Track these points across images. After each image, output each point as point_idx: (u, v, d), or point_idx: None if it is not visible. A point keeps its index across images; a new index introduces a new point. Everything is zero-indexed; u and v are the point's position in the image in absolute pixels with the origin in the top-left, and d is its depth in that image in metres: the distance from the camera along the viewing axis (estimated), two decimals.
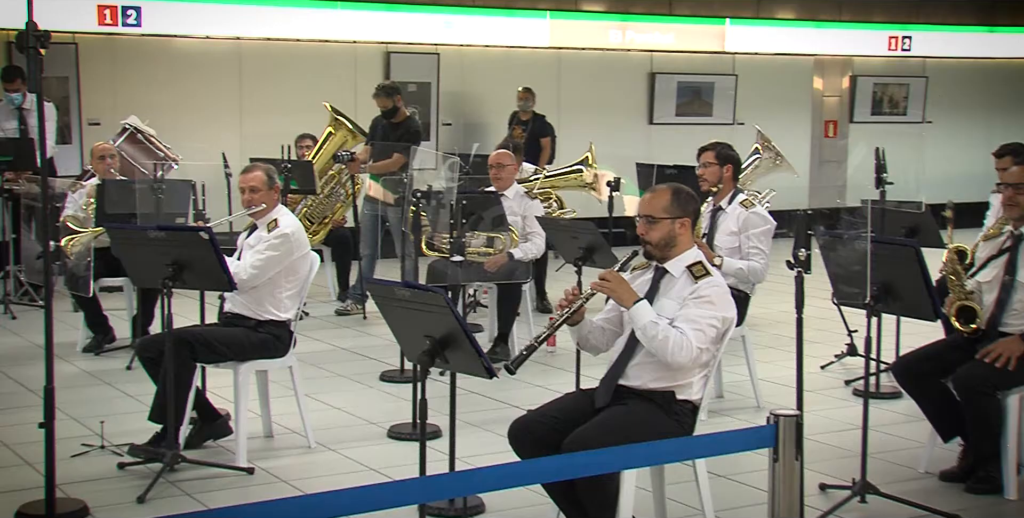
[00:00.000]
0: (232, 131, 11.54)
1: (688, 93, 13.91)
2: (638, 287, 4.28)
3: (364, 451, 5.54)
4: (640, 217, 4.29)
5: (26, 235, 9.05)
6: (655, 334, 4.04)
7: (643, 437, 3.67)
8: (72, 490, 4.82)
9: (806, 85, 14.91)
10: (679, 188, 4.33)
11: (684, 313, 4.12)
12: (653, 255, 4.30)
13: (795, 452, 3.05)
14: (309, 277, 5.65)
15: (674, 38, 13.73)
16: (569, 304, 4.21)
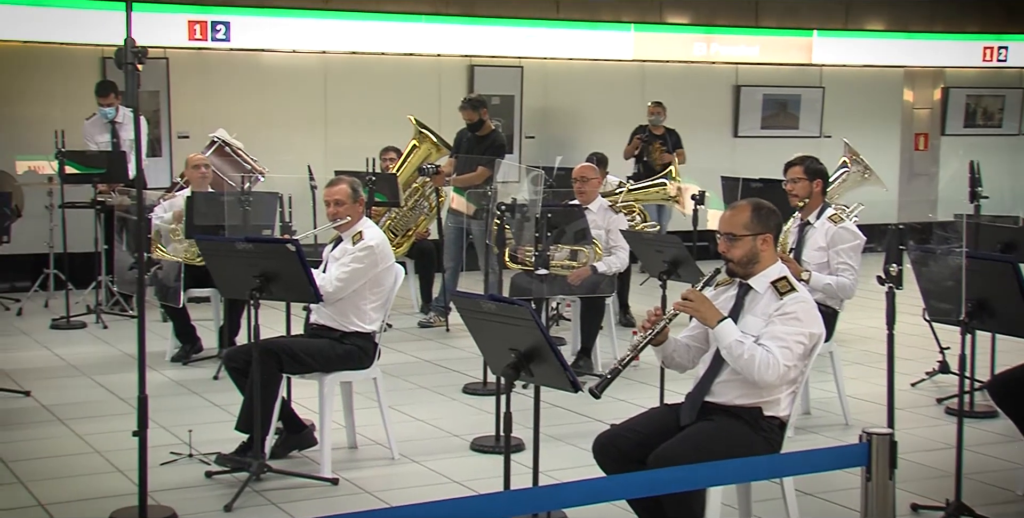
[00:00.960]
0: (317, 144, 11.69)
1: (774, 106, 13.80)
2: (721, 304, 4.25)
3: (447, 463, 5.56)
4: (721, 234, 4.26)
5: (118, 246, 9.27)
6: (740, 353, 4.01)
7: (730, 454, 3.65)
8: (161, 497, 4.91)
9: (896, 97, 14.70)
10: (759, 204, 4.29)
11: (770, 330, 4.09)
12: (736, 272, 4.27)
13: (888, 471, 3.00)
14: (394, 289, 5.69)
15: (760, 50, 13.64)
16: (652, 325, 4.20)
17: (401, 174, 9.41)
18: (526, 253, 7.28)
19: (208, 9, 11.20)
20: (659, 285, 6.02)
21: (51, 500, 4.97)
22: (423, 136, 9.60)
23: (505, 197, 6.78)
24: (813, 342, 4.13)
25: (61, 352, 8.00)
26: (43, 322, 9.01)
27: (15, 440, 5.88)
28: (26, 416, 6.37)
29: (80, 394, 6.87)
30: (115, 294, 9.49)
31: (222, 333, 7.68)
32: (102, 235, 9.57)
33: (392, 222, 9.47)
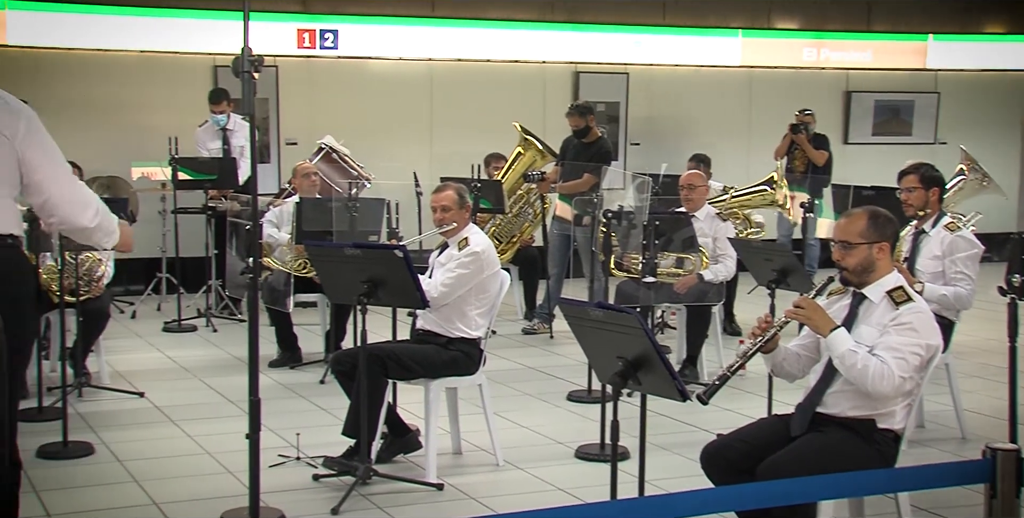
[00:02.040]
0: (423, 150, 11.80)
1: (886, 112, 13.56)
2: (834, 313, 4.19)
3: (552, 471, 5.57)
4: (835, 242, 4.20)
5: (229, 251, 9.47)
6: (854, 363, 3.95)
7: (841, 466, 3.59)
8: (270, 499, 4.99)
9: (1016, 102, 14.34)
10: (876, 211, 4.22)
11: (885, 341, 4.02)
12: (850, 281, 4.21)
13: (1015, 489, 2.92)
14: (499, 295, 5.72)
15: (872, 55, 13.42)
16: (762, 332, 4.15)
17: (506, 181, 9.45)
18: (632, 260, 7.26)
19: (317, 17, 11.39)
20: (767, 294, 5.95)
21: (164, 499, 5.08)
22: (528, 143, 9.63)
23: (611, 204, 6.78)
24: (930, 354, 4.05)
25: (173, 354, 8.20)
26: (156, 325, 9.24)
27: (130, 440, 6.04)
28: (140, 416, 6.54)
29: (191, 396, 7.03)
30: (224, 298, 9.69)
31: (328, 338, 7.80)
32: (212, 240, 9.79)
33: (497, 229, 9.51)
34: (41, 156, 3.67)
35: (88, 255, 6.99)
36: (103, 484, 5.33)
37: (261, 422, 4.41)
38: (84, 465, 5.61)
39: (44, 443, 5.74)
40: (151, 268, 10.27)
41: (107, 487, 5.29)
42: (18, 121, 3.65)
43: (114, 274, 7.41)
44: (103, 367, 7.24)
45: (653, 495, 4.22)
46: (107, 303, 7.40)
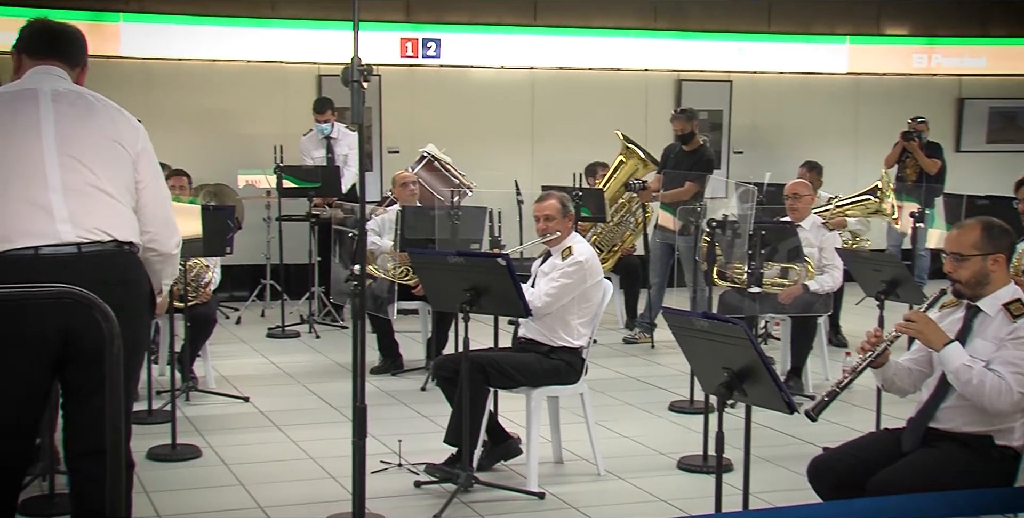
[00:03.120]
0: (524, 159, 11.84)
1: (1001, 119, 13.24)
2: (947, 327, 4.09)
3: (654, 481, 5.54)
4: (948, 254, 4.11)
5: (333, 258, 9.59)
6: (969, 378, 3.85)
7: (956, 484, 3.51)
8: (372, 505, 5.02)
9: None
10: (990, 222, 4.12)
11: (1002, 355, 3.92)
12: (963, 293, 4.11)
13: None
14: (602, 305, 5.71)
15: (986, 61, 13.10)
16: (872, 347, 4.08)
17: (608, 189, 9.43)
18: (735, 270, 7.20)
19: (420, 27, 11.51)
20: (876, 305, 5.85)
21: (269, 503, 5.17)
22: (630, 151, 9.61)
23: (715, 213, 6.73)
24: None
25: (276, 360, 8.33)
26: (260, 331, 9.40)
27: (236, 444, 6.15)
28: (245, 421, 6.66)
29: (294, 401, 7.13)
30: (327, 305, 9.82)
31: (430, 345, 7.86)
32: (316, 247, 9.93)
33: (598, 237, 9.50)
34: (149, 174, 3.78)
35: (196, 261, 7.14)
36: (210, 487, 5.43)
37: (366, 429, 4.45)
38: (192, 468, 5.72)
39: (154, 445, 5.87)
40: (255, 275, 10.46)
41: (214, 490, 5.39)
42: (137, 136, 3.77)
43: (220, 280, 7.57)
44: (209, 372, 7.39)
45: (759, 508, 4.19)
46: (214, 309, 7.55)
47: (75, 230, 3.54)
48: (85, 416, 3.67)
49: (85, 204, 3.58)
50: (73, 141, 3.62)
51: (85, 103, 3.72)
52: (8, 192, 3.56)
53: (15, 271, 3.50)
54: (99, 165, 3.64)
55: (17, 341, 3.54)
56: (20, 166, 3.58)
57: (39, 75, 3.78)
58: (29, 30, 3.88)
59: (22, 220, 3.53)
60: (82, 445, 3.70)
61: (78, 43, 3.92)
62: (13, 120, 3.64)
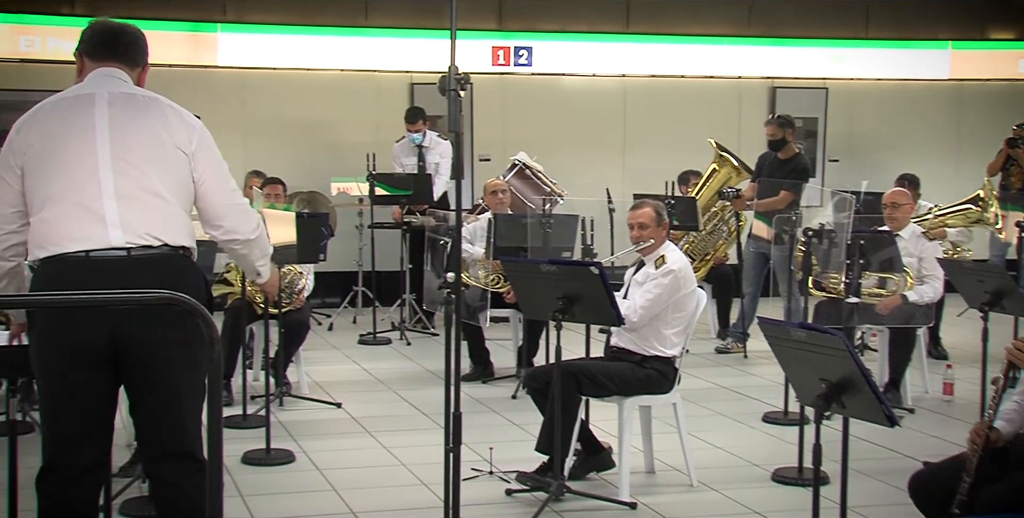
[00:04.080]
0: (615, 167, 11.82)
1: None
2: None
3: (748, 493, 5.48)
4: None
5: (425, 266, 9.66)
6: None
7: None
8: (463, 513, 5.00)
9: None
10: None
11: None
12: None
13: None
14: (695, 314, 5.68)
15: None
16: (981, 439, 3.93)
17: (701, 198, 9.38)
18: (831, 280, 7.11)
19: (512, 35, 11.57)
20: (979, 317, 5.74)
21: (361, 509, 5.21)
22: (723, 160, 9.55)
23: (810, 222, 6.65)
24: None
25: (368, 366, 8.41)
26: (352, 337, 9.50)
27: (329, 449, 6.21)
28: (338, 427, 6.73)
29: (386, 408, 7.19)
30: (418, 312, 9.89)
31: (521, 353, 7.88)
32: (407, 255, 10.01)
33: (690, 246, 9.44)
34: (209, 166, 3.77)
35: (290, 268, 7.24)
36: (303, 491, 5.50)
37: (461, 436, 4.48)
38: (286, 472, 5.80)
39: (249, 450, 5.97)
40: (348, 281, 10.58)
41: (307, 494, 5.45)
42: (192, 134, 3.75)
43: (313, 287, 7.67)
44: (303, 377, 7.48)
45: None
46: (307, 315, 7.65)
47: (125, 236, 3.55)
48: (145, 419, 3.69)
49: (137, 209, 3.59)
50: (127, 145, 3.64)
51: (140, 106, 3.73)
52: (64, 197, 3.59)
53: (67, 274, 3.53)
54: (153, 169, 3.65)
55: (69, 346, 3.56)
56: (75, 172, 3.61)
57: (98, 78, 3.80)
58: (90, 32, 3.87)
59: (74, 225, 3.57)
60: (150, 449, 3.73)
61: (137, 43, 3.90)
62: (70, 126, 3.66)
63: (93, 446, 3.64)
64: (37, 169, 3.62)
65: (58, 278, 3.52)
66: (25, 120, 3.71)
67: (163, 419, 3.66)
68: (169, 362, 3.59)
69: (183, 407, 3.67)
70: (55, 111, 3.70)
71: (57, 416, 3.62)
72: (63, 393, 3.60)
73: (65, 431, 3.62)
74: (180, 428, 3.68)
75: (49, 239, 3.58)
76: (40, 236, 3.60)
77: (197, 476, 3.65)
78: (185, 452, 3.68)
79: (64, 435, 3.62)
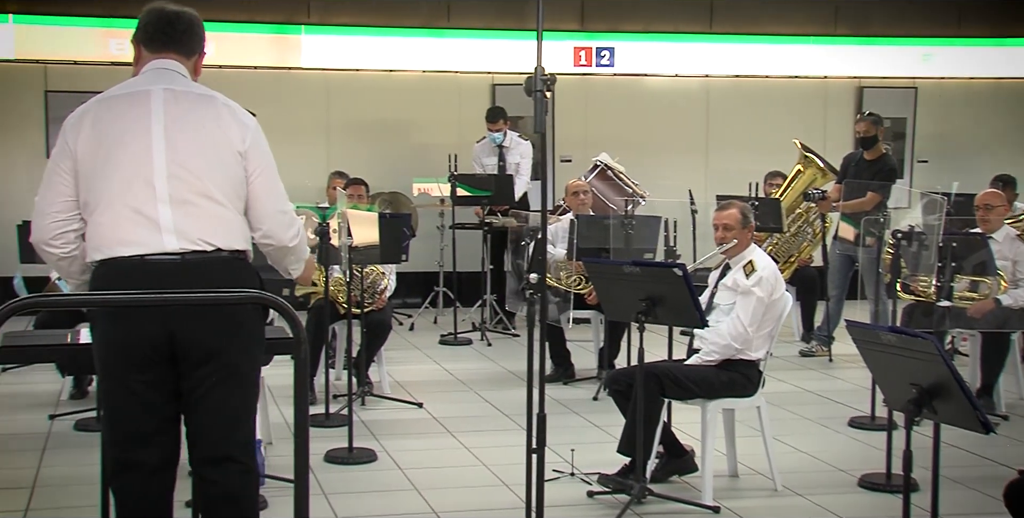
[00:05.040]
0: (698, 168, 11.74)
1: None
2: None
3: (834, 499, 5.40)
4: None
5: (507, 266, 9.69)
6: None
7: None
8: (545, 514, 5.02)
9: None
10: None
11: None
12: None
13: None
14: (782, 318, 5.61)
15: None
16: None
17: (785, 199, 9.28)
18: (920, 283, 6.98)
19: (594, 35, 11.55)
20: None
21: (443, 509, 5.23)
22: (808, 161, 9.43)
23: (898, 224, 6.54)
24: None
25: (449, 367, 8.44)
26: (432, 337, 9.54)
27: (410, 449, 6.24)
28: (420, 427, 6.75)
29: (467, 408, 7.21)
30: (499, 313, 9.91)
31: (602, 355, 7.85)
32: (488, 255, 10.03)
33: (774, 248, 9.34)
34: (258, 167, 3.72)
35: (372, 268, 7.29)
36: (385, 490, 5.53)
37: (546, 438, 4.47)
38: (368, 471, 5.84)
39: (331, 448, 6.01)
40: (429, 282, 10.64)
41: (389, 493, 5.48)
42: (246, 133, 3.70)
43: (395, 287, 7.71)
44: (384, 377, 7.52)
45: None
46: (389, 315, 7.69)
47: (179, 242, 3.54)
48: (198, 418, 3.64)
49: (191, 215, 3.57)
50: (182, 148, 3.60)
51: (195, 105, 3.68)
52: (118, 201, 3.57)
53: (123, 275, 3.52)
54: (207, 172, 3.61)
55: (130, 347, 3.55)
56: (130, 174, 3.58)
57: (154, 73, 3.73)
58: (146, 18, 3.79)
59: (129, 229, 3.55)
60: (200, 450, 3.66)
61: (194, 31, 3.81)
62: (126, 125, 3.62)
63: (159, 446, 3.63)
64: (92, 168, 3.59)
65: (116, 280, 3.52)
66: (80, 116, 3.66)
67: (217, 419, 3.63)
68: (227, 362, 3.59)
69: (238, 407, 3.67)
70: (110, 108, 3.66)
71: (121, 417, 3.63)
72: (125, 393, 3.59)
73: (130, 432, 3.61)
74: (233, 429, 3.66)
75: (104, 243, 3.58)
76: (96, 239, 3.60)
77: (246, 478, 3.65)
78: (234, 455, 3.65)
79: (129, 436, 3.61)
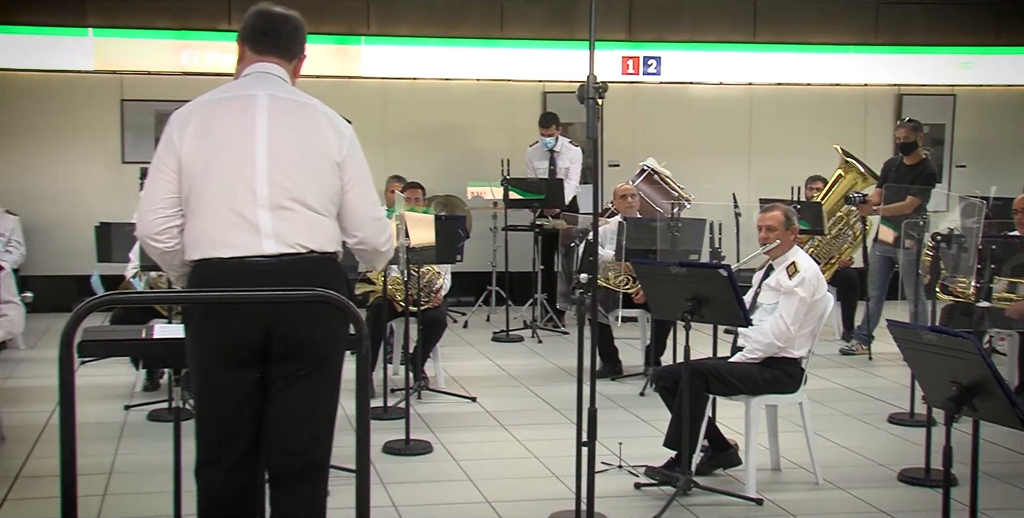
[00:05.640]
0: (741, 172, 11.67)
1: None
2: None
3: (874, 493, 5.34)
4: None
5: (557, 267, 9.68)
6: None
7: None
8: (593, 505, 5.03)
9: None
10: None
11: None
12: None
13: None
14: (824, 317, 5.56)
15: None
16: None
17: (826, 203, 9.20)
18: (959, 284, 6.89)
19: (641, 45, 11.51)
20: None
21: (495, 499, 5.23)
22: (849, 165, 9.35)
23: (940, 227, 6.47)
24: None
25: (501, 363, 8.44)
26: (485, 335, 9.56)
27: (464, 441, 6.26)
28: (473, 420, 6.77)
29: (519, 402, 7.20)
30: (549, 311, 9.90)
31: (648, 352, 7.82)
32: (539, 256, 10.03)
33: (815, 250, 9.26)
34: (354, 177, 3.70)
35: (428, 268, 7.30)
36: (441, 481, 5.55)
37: (583, 431, 4.46)
38: (424, 462, 5.85)
39: (389, 440, 6.04)
40: (482, 281, 10.65)
41: (444, 483, 5.50)
42: (343, 142, 3.68)
43: (450, 286, 7.72)
44: (439, 372, 7.54)
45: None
46: (444, 313, 7.71)
47: (277, 246, 3.54)
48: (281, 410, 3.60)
49: (289, 220, 3.56)
50: (283, 156, 3.59)
51: (297, 112, 3.66)
52: (220, 203, 3.56)
53: (221, 275, 3.53)
54: (305, 181, 3.60)
55: (223, 342, 3.55)
56: (233, 178, 3.57)
57: (258, 78, 3.71)
58: (253, 20, 3.77)
59: (229, 232, 3.55)
60: (279, 443, 3.63)
61: (297, 35, 3.79)
62: (230, 129, 3.61)
63: (245, 438, 3.61)
64: (196, 168, 3.58)
65: (214, 279, 3.53)
66: (188, 115, 3.65)
67: (297, 413, 3.60)
68: (315, 359, 3.59)
69: (323, 398, 3.65)
70: (217, 110, 3.65)
71: (211, 410, 3.63)
72: (217, 387, 3.60)
73: (219, 425, 3.61)
74: (312, 423, 3.63)
75: (204, 242, 3.58)
76: (196, 239, 3.60)
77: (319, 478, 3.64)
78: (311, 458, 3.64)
79: (218, 428, 3.61)
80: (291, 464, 3.61)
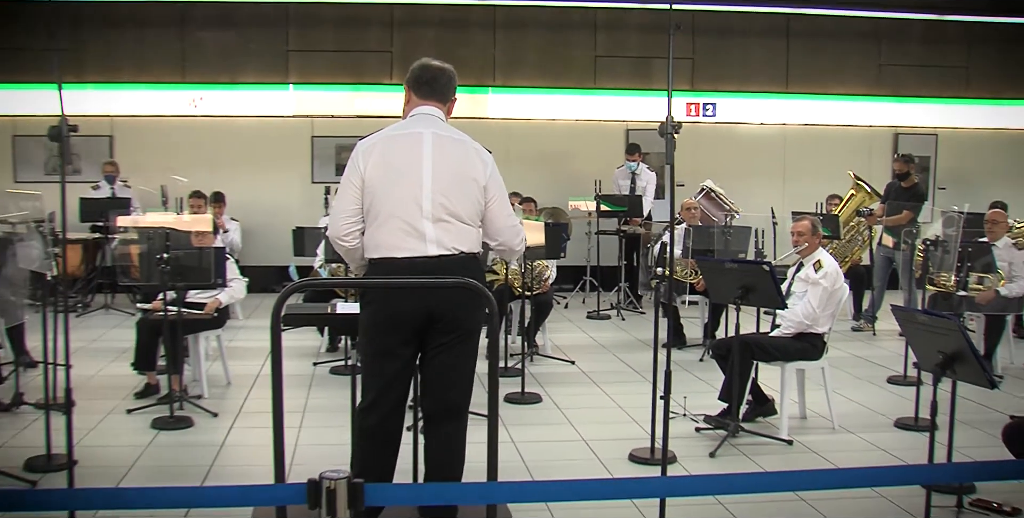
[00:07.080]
0: (776, 191, 11.60)
1: None
2: None
3: (876, 436, 5.38)
4: None
5: (638, 262, 9.76)
6: None
7: None
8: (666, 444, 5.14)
9: None
10: None
11: None
12: None
13: None
14: (840, 302, 5.59)
15: None
16: None
17: (842, 215, 9.15)
18: (942, 278, 6.85)
19: (700, 93, 11.50)
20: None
21: (590, 438, 5.27)
22: (860, 186, 9.27)
23: (926, 234, 6.45)
24: None
25: (593, 335, 8.50)
26: (581, 314, 9.61)
27: (566, 394, 6.29)
28: (573, 378, 6.81)
29: (607, 365, 7.23)
30: (631, 296, 9.97)
31: (706, 328, 7.88)
32: (623, 254, 10.11)
33: (833, 251, 9.20)
34: (495, 195, 3.68)
35: (539, 262, 7.43)
36: (548, 424, 5.58)
37: (657, 387, 4.53)
38: (535, 409, 5.90)
39: (509, 392, 6.08)
40: (579, 273, 10.76)
41: (551, 425, 5.54)
42: (487, 169, 3.65)
43: (556, 276, 7.86)
44: (547, 341, 7.58)
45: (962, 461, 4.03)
46: (551, 296, 7.83)
47: (438, 249, 3.58)
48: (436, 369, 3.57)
49: (446, 229, 3.58)
50: (442, 180, 3.56)
51: (454, 147, 3.62)
52: (395, 215, 3.54)
53: (396, 269, 3.57)
54: (458, 198, 3.59)
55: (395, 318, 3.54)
56: (406, 196, 3.55)
57: (423, 118, 3.66)
58: (419, 71, 3.71)
59: (403, 239, 3.57)
60: (434, 393, 3.58)
61: (451, 83, 3.74)
62: (405, 158, 3.57)
63: (400, 389, 3.62)
64: (377, 188, 3.56)
65: (391, 272, 3.58)
66: (371, 146, 3.61)
67: (447, 372, 3.59)
68: (463, 332, 3.62)
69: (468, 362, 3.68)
70: (394, 144, 3.61)
71: (378, 369, 3.60)
72: (384, 353, 3.57)
73: (383, 379, 3.59)
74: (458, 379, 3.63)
75: (382, 245, 3.58)
76: (376, 242, 3.59)
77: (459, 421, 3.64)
78: (457, 404, 3.62)
79: (382, 381, 3.59)
80: (442, 408, 3.62)
